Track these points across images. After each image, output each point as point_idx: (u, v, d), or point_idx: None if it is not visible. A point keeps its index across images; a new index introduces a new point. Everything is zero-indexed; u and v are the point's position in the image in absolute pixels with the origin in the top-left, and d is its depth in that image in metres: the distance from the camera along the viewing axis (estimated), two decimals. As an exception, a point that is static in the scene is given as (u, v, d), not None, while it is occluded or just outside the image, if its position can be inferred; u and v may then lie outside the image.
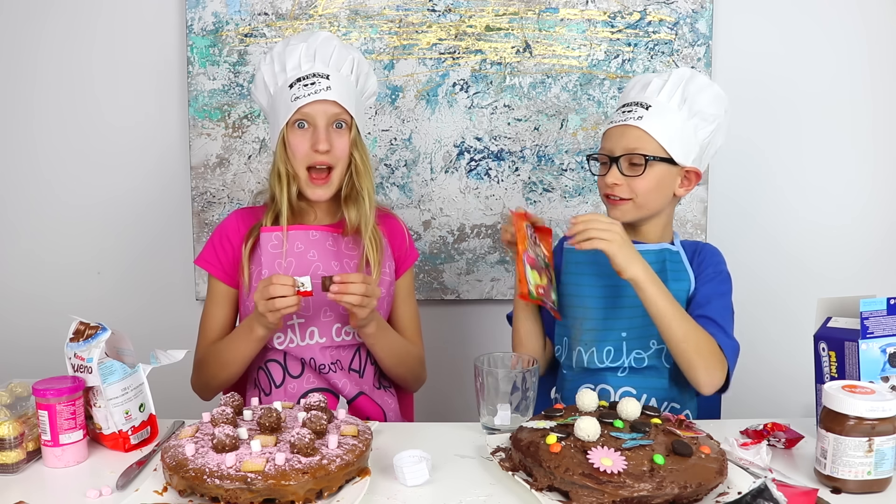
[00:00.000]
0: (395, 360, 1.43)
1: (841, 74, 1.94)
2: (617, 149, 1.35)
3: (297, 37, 1.40)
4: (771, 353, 1.88)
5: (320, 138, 1.32)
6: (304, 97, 1.32)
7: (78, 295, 1.99)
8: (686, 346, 1.25)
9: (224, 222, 1.45)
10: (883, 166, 1.97)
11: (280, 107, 1.35)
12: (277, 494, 0.93)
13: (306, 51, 1.35)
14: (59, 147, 1.95)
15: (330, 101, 1.33)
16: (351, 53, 1.38)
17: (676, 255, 1.38)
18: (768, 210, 1.99)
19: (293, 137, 1.34)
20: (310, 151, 1.33)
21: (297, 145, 1.34)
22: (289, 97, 1.33)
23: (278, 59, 1.37)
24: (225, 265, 1.42)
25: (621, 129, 1.35)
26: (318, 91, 1.32)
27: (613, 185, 1.34)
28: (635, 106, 1.35)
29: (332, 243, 1.41)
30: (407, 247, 1.50)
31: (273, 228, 1.38)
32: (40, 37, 1.90)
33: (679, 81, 1.35)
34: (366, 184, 1.39)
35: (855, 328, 1.12)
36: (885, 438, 0.99)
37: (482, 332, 2.02)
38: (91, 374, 1.12)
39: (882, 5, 1.91)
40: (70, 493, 1.01)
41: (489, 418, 1.19)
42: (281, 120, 1.35)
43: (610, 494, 0.92)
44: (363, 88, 1.43)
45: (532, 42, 1.89)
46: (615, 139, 1.36)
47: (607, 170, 1.36)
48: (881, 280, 1.98)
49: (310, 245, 1.39)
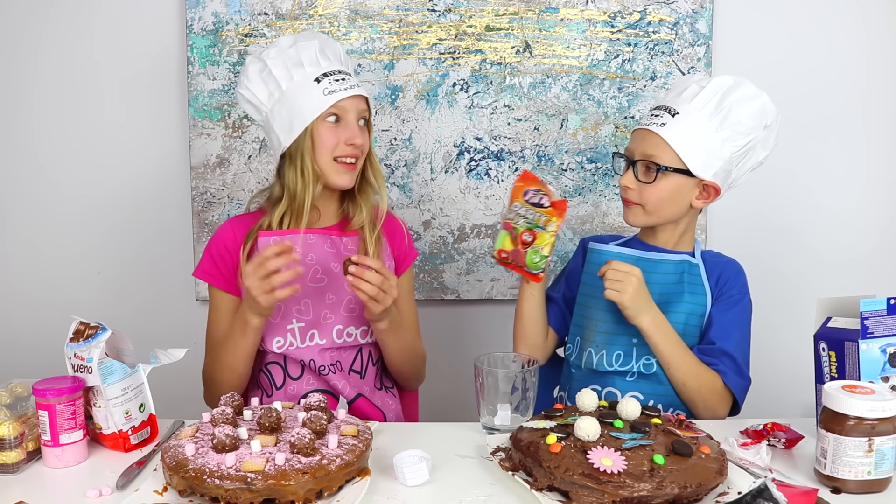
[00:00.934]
0: (402, 357, 1.43)
1: (841, 73, 1.94)
2: (636, 152, 1.34)
3: (301, 35, 1.40)
4: (771, 353, 1.88)
5: (356, 132, 1.34)
6: (339, 91, 1.32)
7: (78, 295, 1.99)
8: (685, 388, 1.32)
9: (218, 232, 1.43)
10: (883, 164, 1.97)
11: (304, 102, 1.33)
12: (277, 494, 0.93)
13: (320, 48, 1.36)
14: (59, 146, 1.95)
15: (361, 97, 1.36)
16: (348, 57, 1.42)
17: (696, 269, 1.38)
18: (768, 210, 1.99)
19: (324, 130, 1.34)
20: (341, 144, 1.34)
21: (328, 138, 1.34)
22: (319, 91, 1.32)
23: (290, 55, 1.35)
24: (225, 274, 1.40)
25: (643, 133, 1.34)
26: (351, 87, 1.34)
27: (626, 188, 1.35)
28: (663, 111, 1.33)
29: (331, 245, 1.40)
30: (406, 246, 1.50)
31: (271, 232, 1.36)
32: (40, 36, 1.90)
33: (717, 89, 1.32)
34: (380, 179, 1.43)
35: (855, 328, 1.12)
36: (885, 438, 0.99)
37: (482, 332, 2.02)
38: (91, 374, 1.12)
39: (881, 5, 1.91)
40: (70, 493, 1.01)
41: (489, 418, 1.19)
42: (308, 114, 1.33)
43: (610, 494, 0.92)
44: None
45: (532, 42, 1.89)
46: (637, 141, 1.36)
47: (625, 170, 1.36)
48: (882, 279, 1.98)
49: (307, 249, 1.38)
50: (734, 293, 1.36)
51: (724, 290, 1.37)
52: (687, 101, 1.33)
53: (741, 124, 1.30)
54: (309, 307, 1.37)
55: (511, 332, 1.45)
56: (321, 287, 1.38)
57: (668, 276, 1.37)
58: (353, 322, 1.40)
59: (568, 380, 1.44)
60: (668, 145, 1.31)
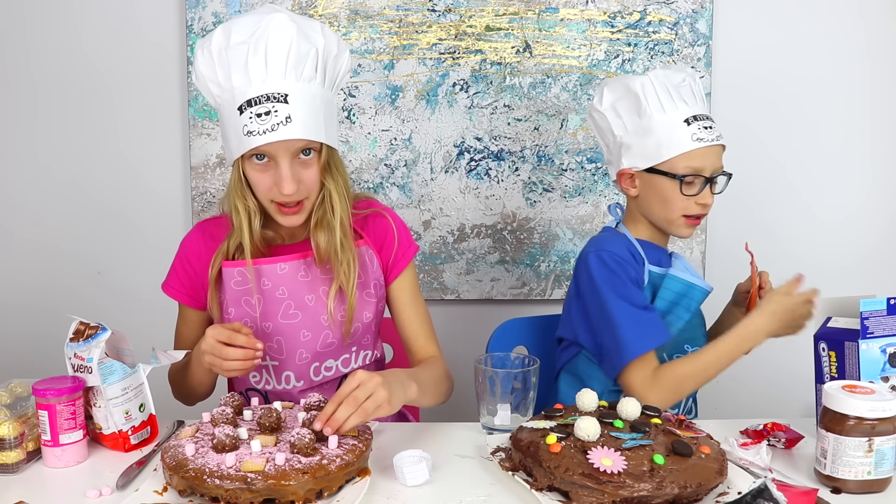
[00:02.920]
0: (431, 398, 1.24)
1: (840, 73, 1.94)
2: (708, 168, 1.34)
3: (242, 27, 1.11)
4: (771, 353, 1.88)
5: (284, 179, 1.11)
6: (258, 134, 1.08)
7: (78, 295, 1.99)
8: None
9: (184, 242, 1.30)
10: (884, 165, 1.97)
11: (230, 131, 1.13)
12: (277, 494, 0.93)
13: (255, 58, 1.09)
14: (59, 146, 1.95)
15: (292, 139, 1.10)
16: (312, 43, 1.12)
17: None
18: (768, 209, 1.99)
19: (252, 172, 1.15)
20: (273, 189, 1.14)
21: (259, 181, 1.15)
22: (239, 126, 1.09)
23: (220, 62, 1.11)
24: (190, 290, 1.29)
25: (710, 150, 1.33)
26: (276, 126, 1.08)
27: (706, 206, 1.35)
28: (710, 121, 1.34)
29: (305, 272, 1.25)
30: (397, 245, 1.31)
31: (235, 263, 1.22)
32: (39, 36, 1.90)
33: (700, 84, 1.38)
34: (339, 211, 1.20)
35: (855, 328, 1.12)
36: (885, 438, 0.99)
37: (482, 332, 2.02)
38: (91, 374, 1.12)
39: (881, 4, 1.91)
40: (70, 493, 1.01)
41: (489, 418, 1.19)
42: (233, 149, 1.13)
43: (610, 494, 0.92)
44: (334, 78, 1.18)
45: (532, 42, 1.89)
46: (710, 157, 1.34)
47: (697, 189, 1.34)
48: (882, 278, 1.98)
49: (278, 281, 1.23)
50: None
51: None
52: (704, 102, 1.37)
53: None
54: (282, 346, 1.25)
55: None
56: (294, 325, 1.25)
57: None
58: (331, 356, 1.29)
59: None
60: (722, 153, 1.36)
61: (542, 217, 1.96)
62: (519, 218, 1.96)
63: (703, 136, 1.32)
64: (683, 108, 1.33)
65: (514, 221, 1.96)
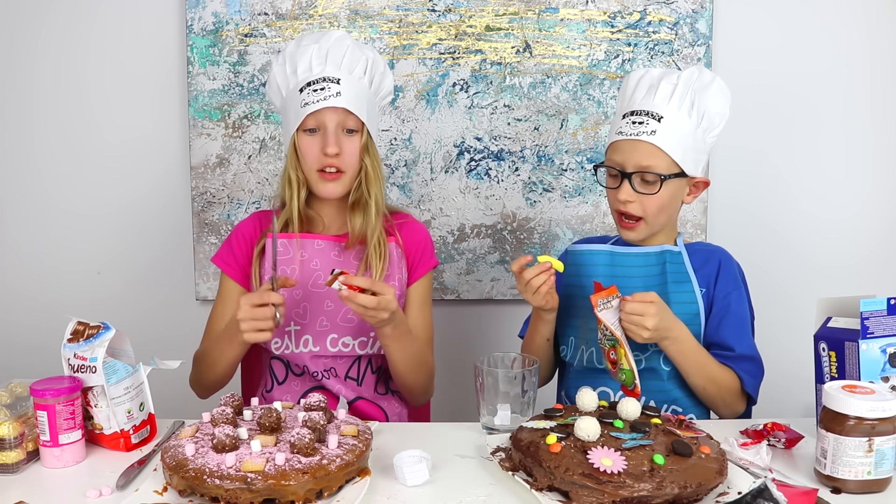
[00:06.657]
0: (407, 367, 1.36)
1: (840, 73, 1.94)
2: (629, 164, 1.30)
3: (310, 37, 1.37)
4: (771, 353, 1.87)
5: (329, 141, 1.31)
6: (312, 103, 1.30)
7: (78, 295, 1.99)
8: (706, 392, 1.31)
9: (243, 222, 1.46)
10: (885, 166, 1.97)
11: (290, 112, 1.34)
12: (277, 494, 0.93)
13: (318, 52, 1.33)
14: (59, 146, 1.95)
15: (339, 109, 1.31)
16: (365, 54, 1.36)
17: (678, 257, 1.36)
18: (769, 209, 1.99)
19: (304, 143, 1.33)
20: (320, 155, 1.32)
21: (308, 149, 1.33)
22: (298, 102, 1.32)
23: (290, 60, 1.35)
24: (241, 262, 1.41)
25: (633, 144, 1.29)
26: (328, 97, 1.30)
27: (626, 202, 1.31)
28: (646, 117, 1.28)
29: (338, 253, 1.39)
30: (422, 254, 1.44)
31: (282, 235, 1.37)
32: (39, 36, 1.90)
33: (688, 84, 1.29)
34: (374, 191, 1.37)
35: (855, 328, 1.12)
36: (885, 438, 0.99)
37: (482, 332, 2.02)
38: (94, 374, 1.12)
39: (883, 4, 1.91)
40: (70, 493, 1.01)
41: (489, 418, 1.19)
42: (291, 125, 1.34)
43: (610, 494, 0.92)
44: (378, 89, 1.40)
45: (532, 42, 1.89)
46: (626, 153, 1.30)
47: (618, 184, 1.31)
48: (882, 278, 1.98)
49: (314, 254, 1.38)
50: (730, 287, 1.34)
51: (719, 282, 1.34)
52: (665, 101, 1.29)
53: (715, 113, 1.30)
54: (306, 311, 1.36)
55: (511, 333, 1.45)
56: (320, 293, 1.37)
57: (649, 268, 1.36)
58: (350, 332, 1.37)
59: (566, 379, 1.44)
60: (663, 152, 1.28)
61: (542, 217, 1.96)
62: (519, 218, 1.96)
63: (624, 130, 1.30)
64: (629, 103, 1.32)
65: (514, 221, 1.96)
